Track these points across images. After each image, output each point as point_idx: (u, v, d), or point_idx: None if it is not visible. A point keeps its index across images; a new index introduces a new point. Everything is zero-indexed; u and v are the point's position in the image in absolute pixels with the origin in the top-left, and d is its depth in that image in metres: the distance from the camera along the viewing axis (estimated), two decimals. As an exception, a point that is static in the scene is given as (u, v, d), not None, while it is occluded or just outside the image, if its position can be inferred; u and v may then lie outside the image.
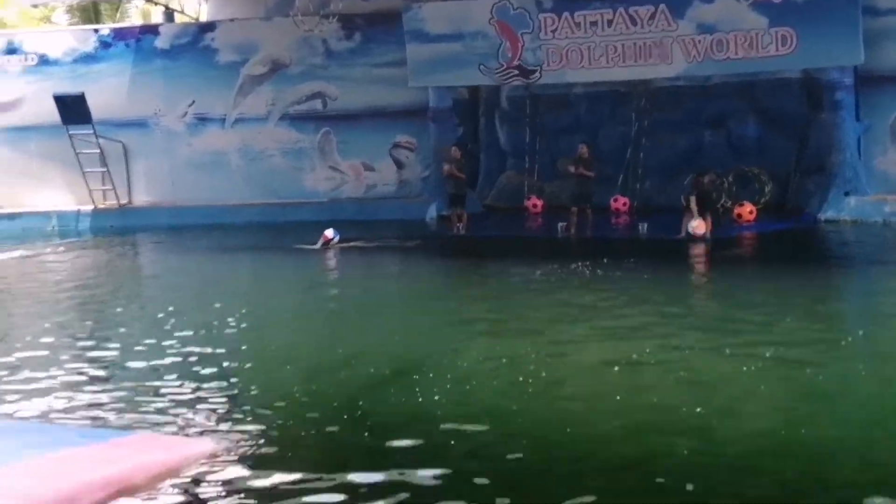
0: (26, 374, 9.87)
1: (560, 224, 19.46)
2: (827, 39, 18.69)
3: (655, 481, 6.42)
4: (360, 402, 8.18)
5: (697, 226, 16.48)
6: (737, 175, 19.47)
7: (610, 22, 20.24)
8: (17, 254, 19.05)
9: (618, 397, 8.20)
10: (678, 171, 19.58)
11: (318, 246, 18.08)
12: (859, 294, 14.31)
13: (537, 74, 20.91)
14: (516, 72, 21.04)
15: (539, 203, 21.38)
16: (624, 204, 20.69)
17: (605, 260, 15.45)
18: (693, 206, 16.88)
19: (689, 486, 6.30)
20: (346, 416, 7.82)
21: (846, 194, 19.11)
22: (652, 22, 19.96)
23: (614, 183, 20.73)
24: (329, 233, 18.18)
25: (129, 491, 6.34)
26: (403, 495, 6.23)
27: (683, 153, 19.89)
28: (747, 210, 18.77)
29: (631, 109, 20.99)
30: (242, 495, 6.23)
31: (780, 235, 18.03)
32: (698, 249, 17.07)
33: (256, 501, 6.11)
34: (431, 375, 8.99)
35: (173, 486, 6.46)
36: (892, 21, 18.71)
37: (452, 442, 7.16)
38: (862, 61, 18.68)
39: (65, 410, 8.49)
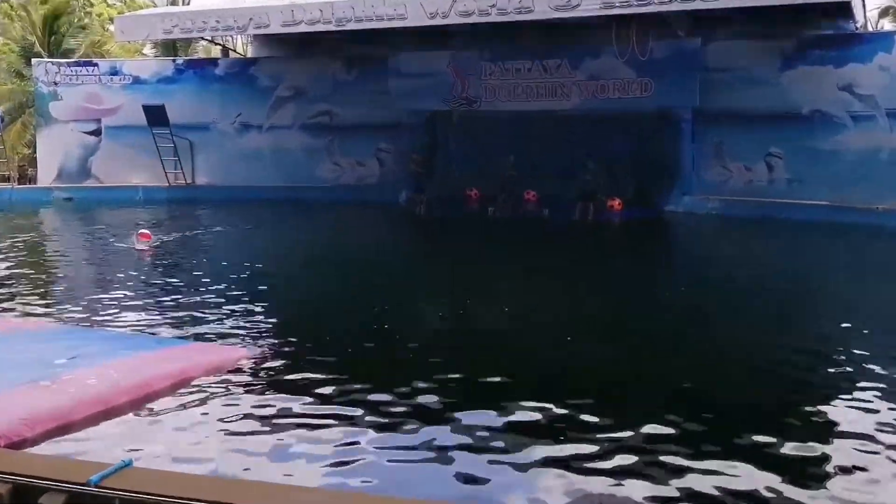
0: (120, 293, 10.54)
1: (490, 208, 20.67)
2: (674, 87, 19.66)
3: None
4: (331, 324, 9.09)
5: None
6: (610, 178, 19.96)
7: (529, 69, 21.14)
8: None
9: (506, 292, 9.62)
10: (572, 174, 20.08)
11: (136, 246, 14.58)
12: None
13: (478, 104, 21.71)
14: (464, 101, 21.84)
15: (477, 192, 21.86)
16: (533, 195, 21.22)
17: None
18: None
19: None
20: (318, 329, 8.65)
21: (683, 194, 20.19)
22: (557, 70, 20.92)
23: (528, 181, 21.08)
24: (146, 231, 15.12)
25: (186, 382, 6.56)
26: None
27: (574, 162, 20.17)
28: (617, 202, 19.77)
29: (541, 131, 21.14)
30: (265, 388, 6.53)
31: (637, 221, 19.06)
32: (584, 228, 18.70)
33: (274, 392, 6.39)
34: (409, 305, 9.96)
35: (219, 380, 6.70)
36: (720, 76, 19.38)
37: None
38: (697, 104, 19.60)
39: (145, 323, 8.89)
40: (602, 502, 4.58)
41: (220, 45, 26.75)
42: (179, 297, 10.67)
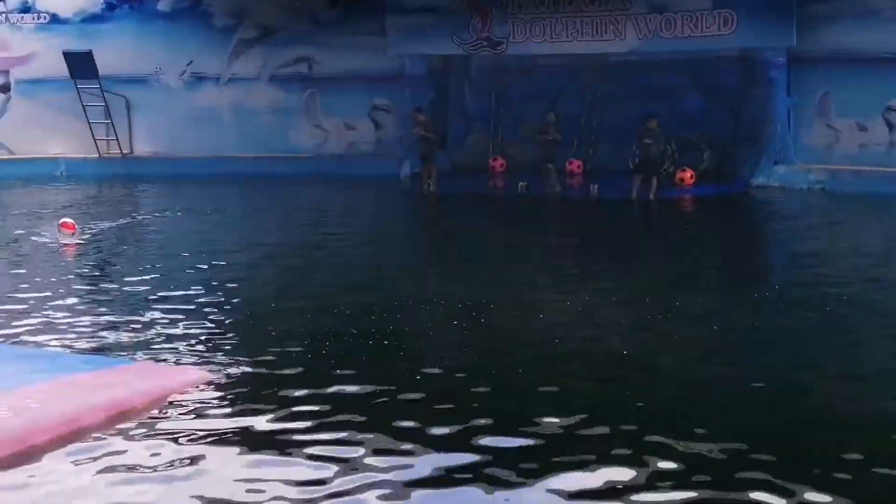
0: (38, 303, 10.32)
1: (521, 183, 20.52)
2: (763, 22, 19.45)
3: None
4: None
5: None
6: (679, 143, 19.90)
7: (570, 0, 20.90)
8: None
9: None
10: (627, 137, 19.73)
11: (58, 239, 15.11)
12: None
13: (504, 46, 21.54)
14: (485, 43, 21.65)
15: (503, 163, 22.00)
16: (578, 166, 21.31)
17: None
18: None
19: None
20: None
21: (776, 163, 19.94)
22: (609, 1, 20.56)
23: (569, 147, 21.04)
24: (69, 220, 15.64)
25: (128, 414, 6.48)
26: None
27: (632, 121, 19.73)
28: (688, 175, 19.73)
29: (587, 80, 21.32)
30: (228, 420, 6.45)
31: (715, 200, 18.98)
32: (645, 209, 18.49)
33: (240, 426, 6.32)
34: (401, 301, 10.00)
35: (169, 410, 6.66)
36: (824, 8, 19.16)
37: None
38: (794, 44, 19.32)
39: (72, 338, 8.76)
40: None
41: (163, -29, 26.60)
42: (115, 303, 10.55)
